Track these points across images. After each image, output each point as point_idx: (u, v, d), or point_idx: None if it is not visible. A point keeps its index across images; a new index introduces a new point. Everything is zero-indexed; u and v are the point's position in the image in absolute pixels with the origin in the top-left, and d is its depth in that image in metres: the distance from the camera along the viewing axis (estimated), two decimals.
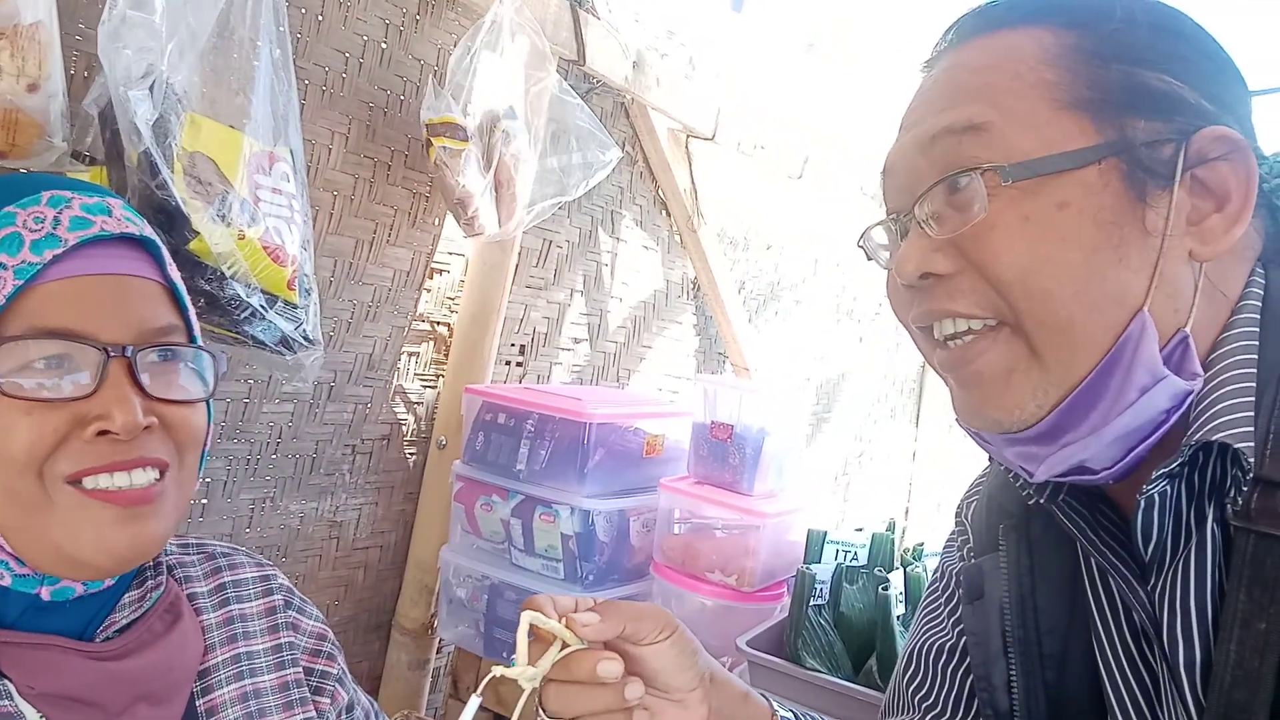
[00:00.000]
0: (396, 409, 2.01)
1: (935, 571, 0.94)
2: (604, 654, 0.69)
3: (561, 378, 2.42)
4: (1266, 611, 0.59)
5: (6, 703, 0.68)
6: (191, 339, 0.80)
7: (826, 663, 1.55)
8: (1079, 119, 0.65)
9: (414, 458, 2.08)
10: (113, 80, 1.06)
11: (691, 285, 2.80)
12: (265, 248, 1.18)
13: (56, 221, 0.71)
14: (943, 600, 0.91)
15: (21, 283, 0.68)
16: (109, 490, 0.71)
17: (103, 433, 0.69)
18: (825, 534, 1.69)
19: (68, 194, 0.74)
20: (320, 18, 1.60)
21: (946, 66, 0.71)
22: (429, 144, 1.70)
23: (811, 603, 1.56)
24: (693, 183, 2.61)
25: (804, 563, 1.67)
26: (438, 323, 2.05)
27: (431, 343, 2.05)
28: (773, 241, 3.09)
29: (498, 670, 0.66)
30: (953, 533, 0.93)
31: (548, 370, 2.37)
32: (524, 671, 0.66)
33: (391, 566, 2.10)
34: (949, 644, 0.88)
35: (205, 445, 0.80)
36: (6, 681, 0.69)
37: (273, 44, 1.26)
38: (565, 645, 0.69)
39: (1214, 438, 0.61)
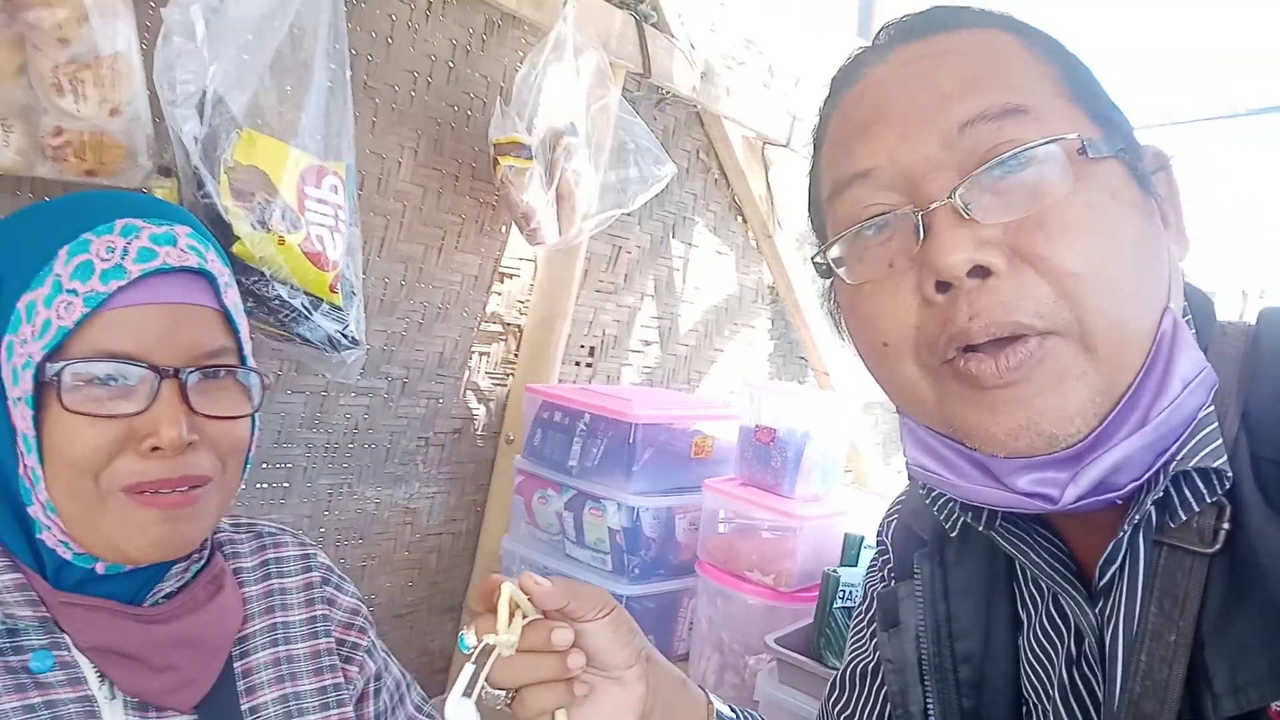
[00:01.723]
0: (469, 404, 2.13)
1: (860, 593, 0.94)
2: (557, 623, 0.73)
3: (631, 379, 2.49)
4: (1176, 624, 0.60)
5: (65, 653, 0.80)
6: (242, 359, 0.89)
7: None
8: (1084, 114, 0.62)
9: (485, 452, 2.20)
10: (165, 101, 1.21)
11: (768, 290, 2.82)
12: (306, 253, 1.29)
13: (125, 252, 0.79)
14: (865, 622, 0.91)
15: (89, 310, 0.78)
16: (154, 496, 0.81)
17: (155, 448, 0.79)
18: (862, 538, 1.70)
19: (139, 223, 0.81)
20: (390, 40, 1.73)
21: (925, 54, 0.65)
22: (496, 162, 1.79)
23: (838, 604, 1.58)
24: (769, 189, 2.63)
25: (840, 564, 1.69)
26: (508, 324, 2.16)
27: (503, 343, 2.17)
28: None
29: (488, 638, 0.69)
30: (875, 553, 0.93)
31: (617, 371, 2.45)
32: (504, 639, 0.70)
33: (463, 552, 2.22)
34: (872, 665, 0.88)
35: (249, 453, 0.90)
36: (66, 635, 0.81)
37: (330, 64, 1.38)
38: (525, 616, 0.73)
39: (1212, 464, 0.59)
